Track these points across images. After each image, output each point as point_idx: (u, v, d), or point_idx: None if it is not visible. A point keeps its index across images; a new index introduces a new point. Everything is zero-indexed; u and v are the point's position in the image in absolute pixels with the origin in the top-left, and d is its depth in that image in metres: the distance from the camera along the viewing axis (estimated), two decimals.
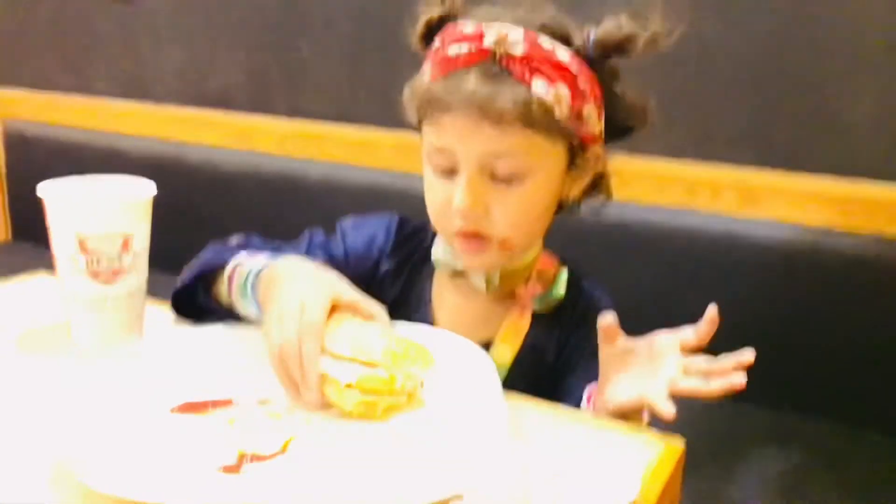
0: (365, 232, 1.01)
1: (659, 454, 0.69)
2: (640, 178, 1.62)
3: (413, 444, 0.67)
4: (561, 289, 0.93)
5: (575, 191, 0.90)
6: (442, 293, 0.97)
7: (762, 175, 1.57)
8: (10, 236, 2.47)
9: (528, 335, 0.92)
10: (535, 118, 0.80)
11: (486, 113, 0.79)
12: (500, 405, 0.69)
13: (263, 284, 0.79)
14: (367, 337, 0.72)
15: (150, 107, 2.25)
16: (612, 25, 0.84)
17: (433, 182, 0.87)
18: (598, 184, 0.93)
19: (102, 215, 0.82)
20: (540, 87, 0.80)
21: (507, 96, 0.79)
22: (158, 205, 0.86)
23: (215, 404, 0.73)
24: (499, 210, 0.84)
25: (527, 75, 0.80)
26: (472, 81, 0.80)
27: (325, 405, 0.71)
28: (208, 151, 2.10)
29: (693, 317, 0.78)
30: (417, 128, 0.90)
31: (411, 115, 0.89)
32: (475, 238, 0.86)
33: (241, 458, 0.64)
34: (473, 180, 0.82)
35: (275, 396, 0.74)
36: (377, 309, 0.77)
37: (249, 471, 0.62)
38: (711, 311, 0.75)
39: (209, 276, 0.89)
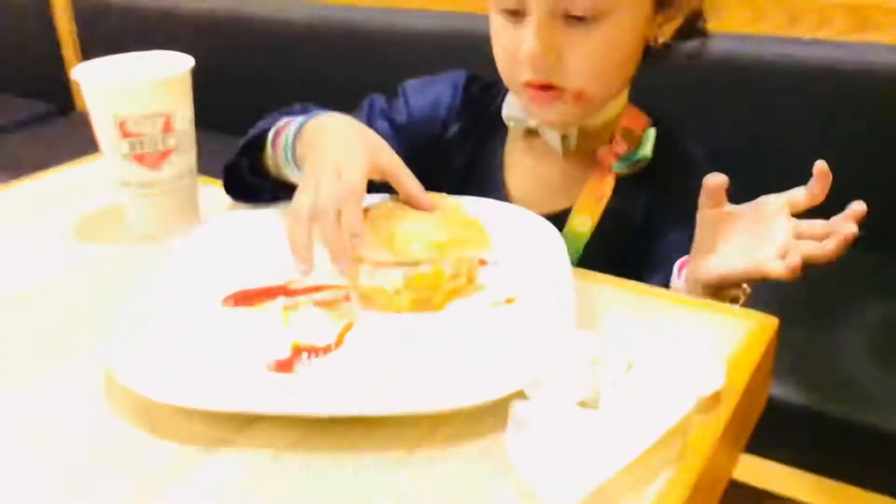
0: (430, 93, 0.92)
1: (748, 334, 0.62)
2: (733, 4, 1.45)
3: (471, 335, 0.62)
4: (648, 148, 0.82)
5: (664, 34, 0.79)
6: (515, 156, 0.89)
7: None
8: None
9: (611, 201, 0.83)
10: None
11: None
12: (569, 290, 0.63)
13: (302, 145, 0.73)
14: (406, 233, 0.66)
15: None
16: None
17: (500, 27, 0.78)
18: (693, 24, 0.81)
19: (138, 95, 0.77)
20: None
21: None
22: (217, 63, 0.80)
23: (269, 293, 0.70)
24: (573, 57, 0.74)
25: None
26: None
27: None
28: (269, 3, 2.02)
29: (796, 163, 0.69)
30: None
31: None
32: (547, 89, 0.76)
33: (295, 351, 0.61)
34: (544, 22, 0.73)
35: (330, 279, 0.70)
36: (415, 184, 0.70)
37: (302, 369, 0.59)
38: (820, 166, 0.66)
39: (257, 148, 0.82)
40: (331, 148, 0.69)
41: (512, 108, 0.85)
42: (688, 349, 0.59)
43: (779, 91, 1.45)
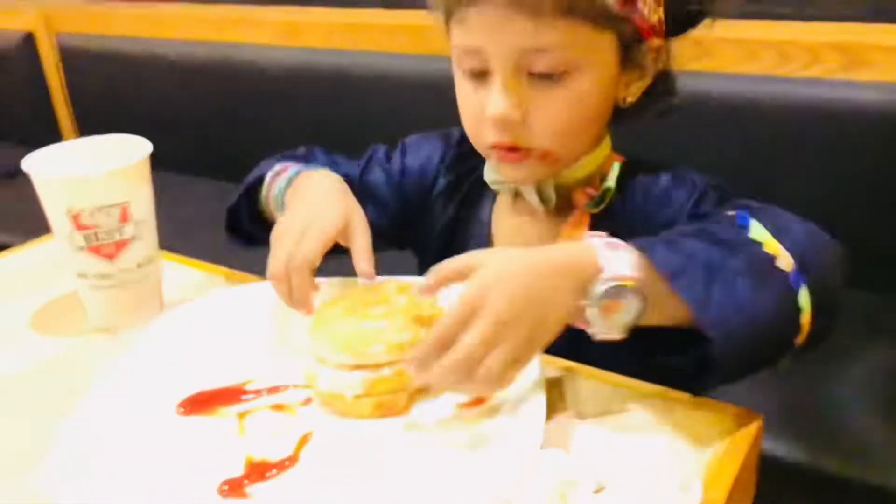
0: (424, 148, 0.92)
1: (729, 437, 0.59)
2: (723, 45, 1.43)
3: (436, 449, 0.59)
4: (611, 180, 0.78)
5: (632, 93, 0.76)
6: (502, 215, 0.87)
7: (870, 31, 1.35)
8: None
9: None
10: (577, 5, 0.67)
11: (521, 1, 0.67)
12: (538, 396, 0.60)
13: (289, 196, 0.79)
14: (366, 334, 0.63)
15: (196, 7, 2.15)
16: None
17: (465, 91, 0.76)
18: (663, 84, 0.78)
19: (92, 187, 0.74)
20: None
21: None
22: (212, 109, 0.79)
23: (225, 396, 0.66)
24: (538, 116, 0.71)
25: None
26: None
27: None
28: (256, 50, 2.00)
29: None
30: (445, 28, 0.76)
31: (437, 12, 0.76)
32: (514, 150, 0.74)
33: (249, 469, 0.58)
34: (508, 81, 0.70)
35: (289, 379, 0.67)
36: (365, 266, 0.70)
37: (256, 492, 0.56)
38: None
39: (256, 190, 0.86)
40: (305, 207, 0.74)
41: (492, 171, 0.83)
42: (662, 459, 0.56)
43: (771, 130, 1.42)
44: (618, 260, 0.58)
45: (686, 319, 0.58)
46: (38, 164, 0.75)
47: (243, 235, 0.91)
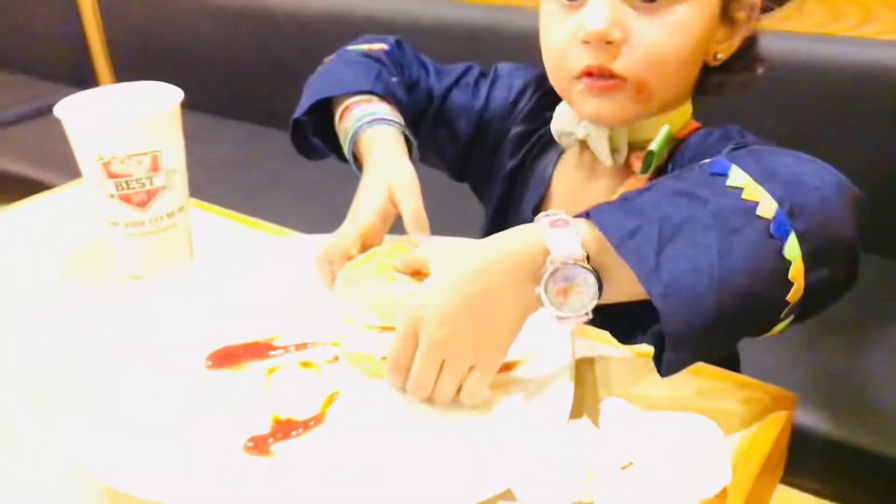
0: (515, 85, 0.89)
1: (763, 415, 0.57)
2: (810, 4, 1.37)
3: (461, 422, 0.58)
4: (656, 144, 0.74)
5: (723, 50, 0.72)
6: (564, 171, 0.84)
7: None
8: None
9: None
10: None
11: None
12: (567, 369, 0.59)
13: (358, 151, 0.78)
14: (397, 297, 0.62)
15: None
16: None
17: (553, 15, 0.72)
18: (749, 51, 0.74)
19: (123, 135, 0.73)
20: None
21: None
22: (245, 52, 0.77)
23: (254, 350, 0.66)
24: (639, 41, 0.67)
25: None
26: None
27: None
28: None
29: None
30: None
31: None
32: (605, 77, 0.69)
33: (275, 427, 0.58)
34: (611, 1, 0.66)
35: (317, 336, 0.67)
36: (415, 228, 0.70)
37: (280, 450, 0.56)
38: None
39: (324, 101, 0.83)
40: (362, 182, 0.74)
41: (560, 120, 0.79)
42: (692, 437, 0.54)
43: (820, 91, 1.37)
44: (565, 238, 0.53)
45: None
46: (71, 111, 0.74)
47: (308, 148, 0.87)
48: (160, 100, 0.76)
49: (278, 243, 0.80)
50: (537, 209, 0.83)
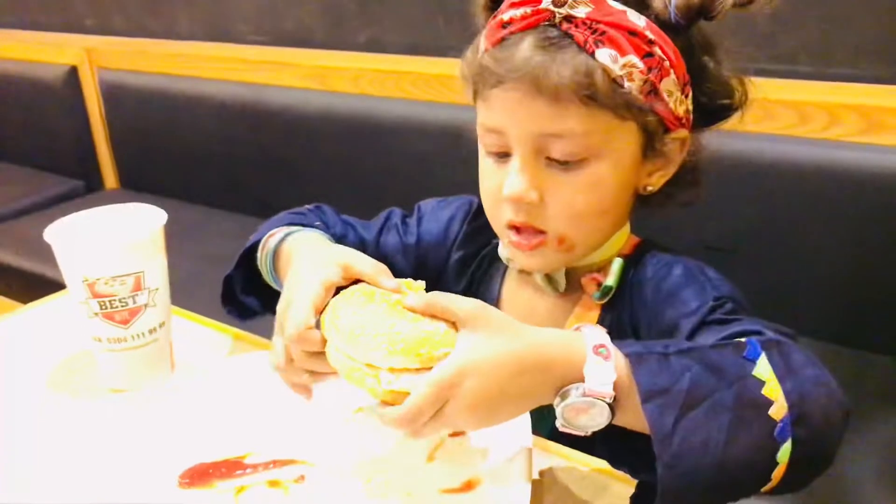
0: (441, 218, 0.92)
1: None
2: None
3: None
4: (612, 279, 0.78)
5: (654, 182, 0.76)
6: (512, 289, 0.87)
7: (891, 94, 1.35)
8: (118, 184, 2.55)
9: None
10: (599, 92, 0.67)
11: (541, 86, 0.67)
12: (524, 489, 0.61)
13: (279, 264, 0.79)
14: (429, 336, 0.59)
15: (231, 48, 2.22)
16: None
17: (487, 169, 0.77)
18: (689, 174, 0.77)
19: (107, 257, 0.77)
20: (606, 56, 0.67)
21: (566, 66, 0.67)
22: (243, 148, 0.79)
23: (225, 469, 0.69)
24: (556, 200, 0.72)
25: (591, 42, 0.67)
26: (525, 49, 0.68)
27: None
28: (286, 93, 2.05)
29: (802, 263, 0.64)
30: (473, 104, 0.77)
31: (467, 92, 0.77)
32: (528, 232, 0.74)
33: None
34: (526, 163, 0.71)
35: (288, 453, 0.70)
36: (393, 283, 0.66)
37: None
38: None
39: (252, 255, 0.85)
40: (288, 283, 0.70)
41: (503, 249, 0.84)
42: None
43: (789, 190, 1.42)
44: (602, 374, 0.57)
45: None
46: (59, 233, 0.79)
47: (237, 308, 0.89)
48: (145, 222, 0.81)
49: (255, 358, 0.83)
50: None
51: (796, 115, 1.40)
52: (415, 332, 0.59)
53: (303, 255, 0.74)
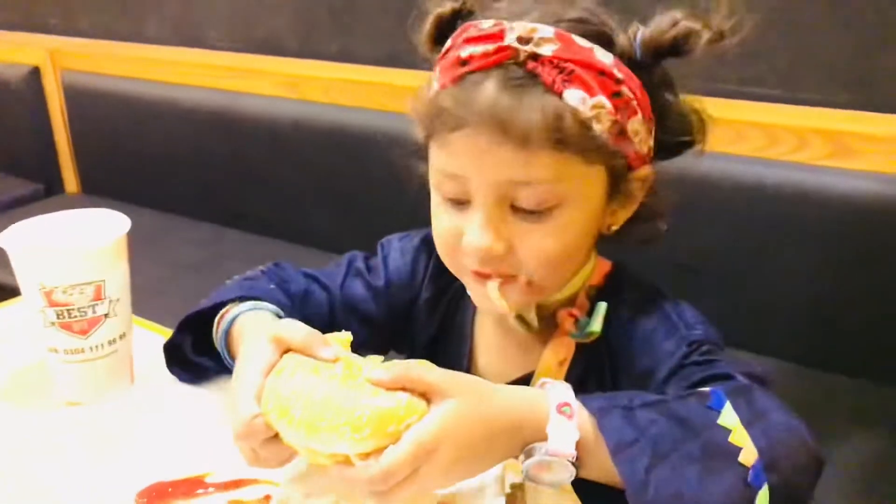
0: (408, 254, 0.88)
1: None
2: (713, 124, 1.44)
3: None
4: (597, 324, 0.75)
5: (617, 221, 0.74)
6: (484, 327, 0.85)
7: (857, 120, 1.36)
8: (79, 188, 2.49)
9: (573, 365, 0.77)
10: (569, 136, 0.63)
11: (508, 130, 0.63)
12: None
13: (233, 350, 0.74)
14: (392, 411, 0.56)
15: (202, 54, 2.19)
16: (665, 22, 0.67)
17: (440, 211, 0.72)
18: (649, 210, 0.75)
19: (66, 265, 0.74)
20: (574, 97, 0.63)
21: (534, 109, 0.63)
22: (212, 155, 0.76)
23: (185, 488, 0.66)
24: (525, 248, 0.68)
25: (558, 82, 0.63)
26: (489, 90, 0.64)
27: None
28: (258, 101, 2.02)
29: (771, 284, 0.64)
30: (424, 148, 0.73)
31: (417, 131, 0.73)
32: (496, 276, 0.71)
33: None
34: (491, 214, 0.67)
35: (250, 472, 0.67)
36: (327, 352, 0.61)
37: None
38: None
39: (204, 323, 0.79)
40: (234, 373, 0.64)
41: None
42: None
43: (757, 212, 1.43)
44: (565, 434, 0.57)
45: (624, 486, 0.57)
46: (14, 239, 0.76)
47: (186, 370, 0.83)
48: (107, 228, 0.78)
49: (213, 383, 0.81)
50: (468, 364, 0.85)
51: (766, 138, 1.42)
52: (377, 412, 0.56)
53: (244, 341, 0.70)
